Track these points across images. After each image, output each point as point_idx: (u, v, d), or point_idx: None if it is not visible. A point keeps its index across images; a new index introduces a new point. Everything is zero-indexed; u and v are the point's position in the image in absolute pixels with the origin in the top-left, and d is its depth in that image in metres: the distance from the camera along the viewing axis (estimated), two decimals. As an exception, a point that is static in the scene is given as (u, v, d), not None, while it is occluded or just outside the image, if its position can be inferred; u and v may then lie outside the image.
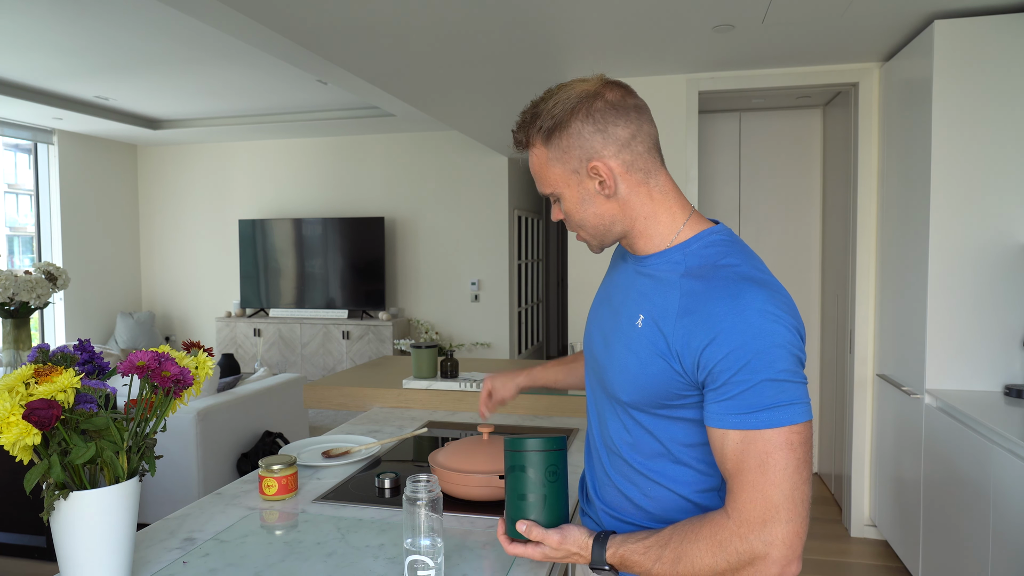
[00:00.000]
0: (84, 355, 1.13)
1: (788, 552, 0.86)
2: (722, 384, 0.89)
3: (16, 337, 3.14)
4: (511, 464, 1.02)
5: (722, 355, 0.88)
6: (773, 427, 0.86)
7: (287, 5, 2.49)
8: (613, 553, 0.96)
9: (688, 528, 0.92)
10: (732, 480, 0.90)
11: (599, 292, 1.16)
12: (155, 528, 1.32)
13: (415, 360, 2.35)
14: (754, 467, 0.87)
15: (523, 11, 2.60)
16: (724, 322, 0.88)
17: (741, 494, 0.88)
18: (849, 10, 2.57)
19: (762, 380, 0.87)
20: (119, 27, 3.59)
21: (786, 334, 0.88)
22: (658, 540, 0.93)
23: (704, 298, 0.91)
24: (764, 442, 0.87)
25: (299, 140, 6.75)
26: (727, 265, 0.94)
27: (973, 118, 2.57)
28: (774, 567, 0.86)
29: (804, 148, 4.15)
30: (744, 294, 0.89)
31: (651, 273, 1.01)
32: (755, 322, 0.87)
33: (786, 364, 0.87)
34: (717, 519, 0.90)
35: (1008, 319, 2.57)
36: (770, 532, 0.86)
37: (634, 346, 0.98)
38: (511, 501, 1.02)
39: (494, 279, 6.46)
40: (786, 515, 0.86)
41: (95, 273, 6.62)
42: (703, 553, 0.89)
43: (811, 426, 0.89)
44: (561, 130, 0.98)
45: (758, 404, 0.87)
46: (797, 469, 0.87)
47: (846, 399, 3.50)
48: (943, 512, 2.48)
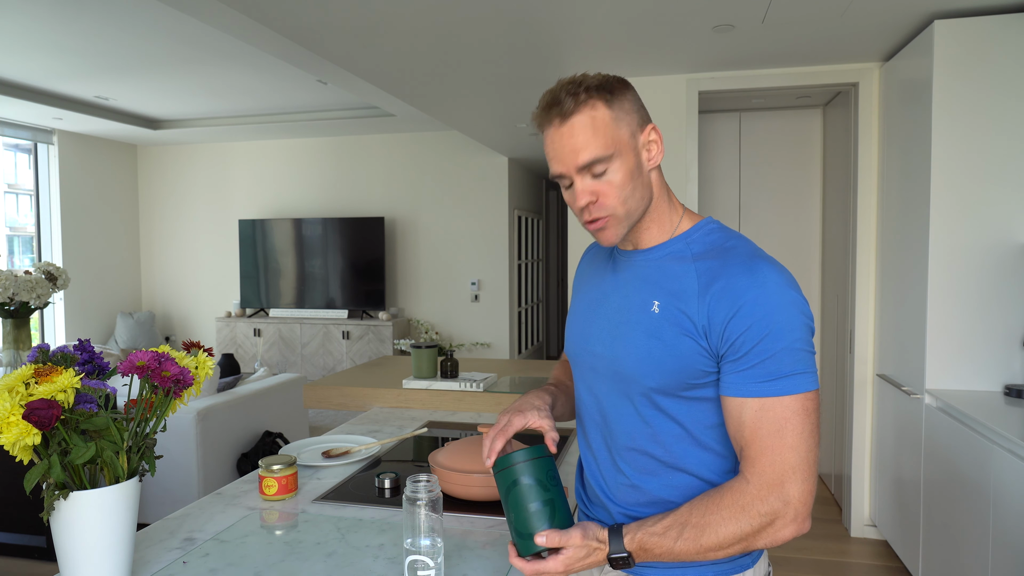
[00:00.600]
0: (84, 355, 1.13)
1: (804, 509, 0.92)
2: (744, 355, 0.93)
3: (16, 337, 3.14)
4: (508, 482, 0.98)
5: (745, 327, 0.92)
6: (790, 394, 0.92)
7: (287, 5, 2.49)
8: (631, 539, 0.96)
9: (707, 500, 0.95)
10: (749, 447, 0.94)
11: (584, 297, 1.15)
12: (155, 528, 1.32)
13: (415, 360, 2.35)
14: (772, 432, 0.92)
15: (523, 11, 2.60)
16: (747, 295, 0.93)
17: (760, 458, 0.93)
18: (849, 10, 2.57)
19: (781, 349, 0.92)
20: (119, 27, 3.59)
21: (801, 305, 0.94)
22: (676, 519, 0.95)
23: (724, 273, 0.96)
24: (782, 408, 0.92)
25: (299, 140, 6.75)
26: (734, 247, 0.99)
27: (973, 118, 2.57)
28: (792, 524, 0.92)
29: (804, 148, 4.15)
30: (761, 269, 0.94)
31: (658, 263, 1.04)
32: (774, 295, 0.93)
33: (801, 334, 0.93)
34: (736, 486, 0.94)
35: (1008, 319, 2.57)
36: (788, 491, 0.91)
37: (656, 331, 0.99)
38: (518, 519, 0.97)
39: (494, 279, 6.46)
40: (802, 475, 0.92)
41: (95, 273, 6.62)
42: (726, 521, 0.92)
43: (819, 394, 0.95)
44: (621, 93, 0.99)
45: (777, 372, 0.92)
46: (812, 433, 0.93)
47: (846, 399, 3.50)
48: (943, 512, 2.48)
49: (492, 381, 2.40)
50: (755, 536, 0.92)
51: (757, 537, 0.92)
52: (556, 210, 9.13)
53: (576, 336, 1.14)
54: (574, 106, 0.97)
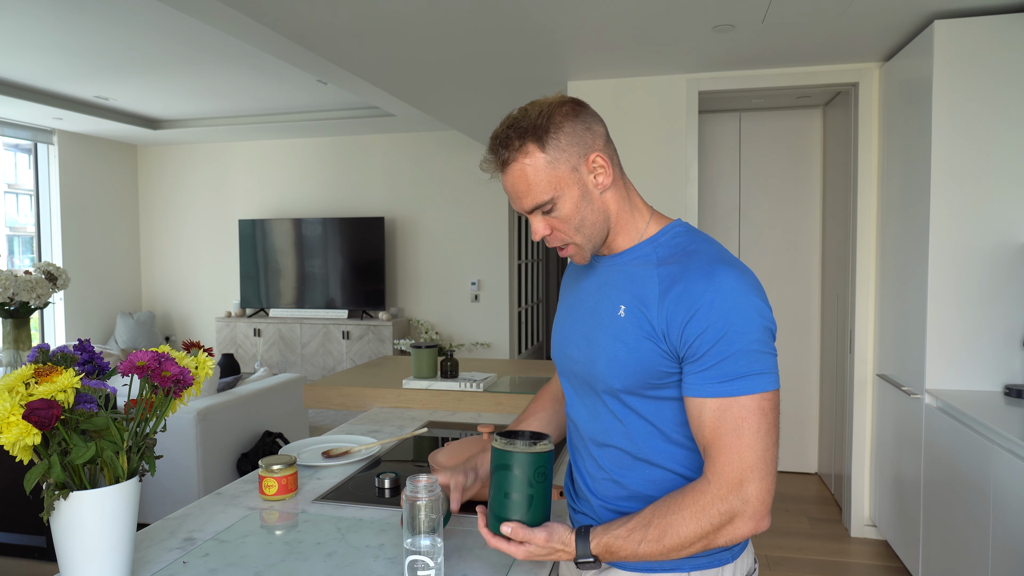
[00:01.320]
0: (84, 355, 1.13)
1: (761, 507, 0.94)
2: (700, 356, 0.96)
3: (16, 337, 3.14)
4: (498, 462, 1.03)
5: (701, 329, 0.95)
6: (747, 394, 0.94)
7: (287, 5, 2.49)
8: (597, 544, 0.99)
9: (669, 502, 0.97)
10: (710, 447, 0.96)
11: (565, 302, 1.20)
12: (155, 528, 1.32)
13: (415, 360, 2.35)
14: (730, 431, 0.94)
15: (523, 11, 2.60)
16: (702, 299, 0.95)
17: (719, 457, 0.95)
18: (849, 10, 2.57)
19: (737, 351, 0.94)
20: (119, 27, 3.59)
21: (758, 307, 0.96)
22: (639, 521, 0.98)
23: (682, 279, 0.99)
24: (739, 408, 0.94)
25: (299, 140, 6.75)
26: (697, 250, 1.02)
27: (973, 118, 2.57)
28: (750, 522, 0.94)
29: (804, 148, 4.15)
30: (718, 273, 0.97)
31: (626, 267, 1.07)
32: (730, 298, 0.95)
33: (758, 335, 0.95)
34: (698, 486, 0.96)
35: (1008, 319, 2.57)
36: (746, 490, 0.94)
37: (620, 334, 1.03)
38: (496, 498, 1.03)
39: (494, 279, 6.46)
40: (759, 474, 0.94)
41: (95, 273, 6.62)
42: (687, 521, 0.95)
43: (779, 394, 0.97)
44: (555, 131, 1.01)
45: (733, 373, 0.95)
46: (768, 432, 0.95)
47: (846, 399, 3.50)
48: (943, 512, 2.48)
49: (492, 381, 2.40)
50: (715, 535, 0.95)
51: (716, 536, 0.95)
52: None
53: (557, 341, 1.19)
54: (508, 155, 1.02)
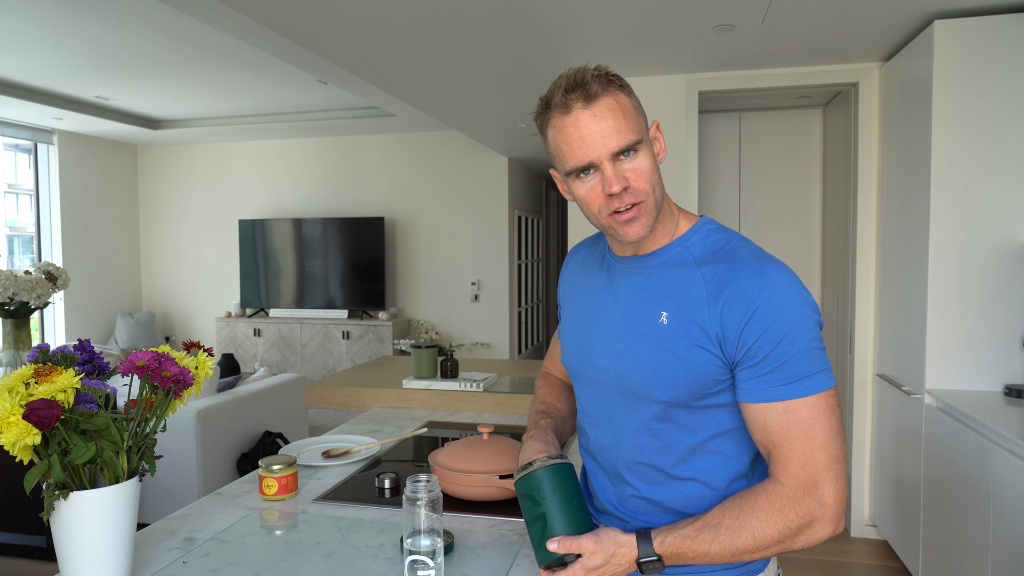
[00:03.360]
0: (84, 355, 1.13)
1: (839, 508, 0.91)
2: (762, 359, 0.92)
3: (16, 337, 3.14)
4: (523, 491, 1.01)
5: (761, 330, 0.91)
6: (813, 394, 0.91)
7: (287, 5, 2.49)
8: (661, 542, 0.93)
9: (741, 503, 0.93)
10: (778, 450, 0.92)
11: (579, 306, 1.12)
12: (155, 528, 1.32)
13: (415, 360, 2.35)
14: (801, 434, 0.91)
15: (523, 11, 2.60)
16: (759, 298, 0.91)
17: (792, 461, 0.91)
18: (849, 10, 2.57)
19: (799, 350, 0.91)
20: (119, 27, 3.59)
21: (811, 302, 0.93)
22: (708, 521, 0.93)
23: (732, 278, 0.94)
24: (808, 409, 0.91)
25: (299, 140, 6.75)
26: (738, 247, 0.97)
27: (973, 118, 2.57)
28: (829, 525, 0.91)
29: (804, 148, 4.15)
30: (770, 271, 0.93)
31: (660, 269, 1.01)
32: (786, 296, 0.91)
33: (815, 332, 0.92)
34: (771, 488, 0.92)
35: (1008, 319, 2.57)
36: (823, 492, 0.90)
37: (665, 343, 0.97)
38: (530, 532, 1.00)
39: (494, 279, 6.45)
40: (834, 474, 0.90)
41: (95, 273, 6.62)
42: (763, 523, 0.91)
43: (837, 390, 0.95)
44: (629, 88, 0.98)
45: (797, 374, 0.91)
46: (839, 431, 0.92)
47: (846, 399, 3.50)
48: (943, 512, 2.48)
49: (492, 381, 2.40)
50: (793, 538, 0.91)
51: (795, 539, 0.91)
52: (556, 210, 9.12)
53: (575, 348, 1.10)
54: (601, 89, 0.92)
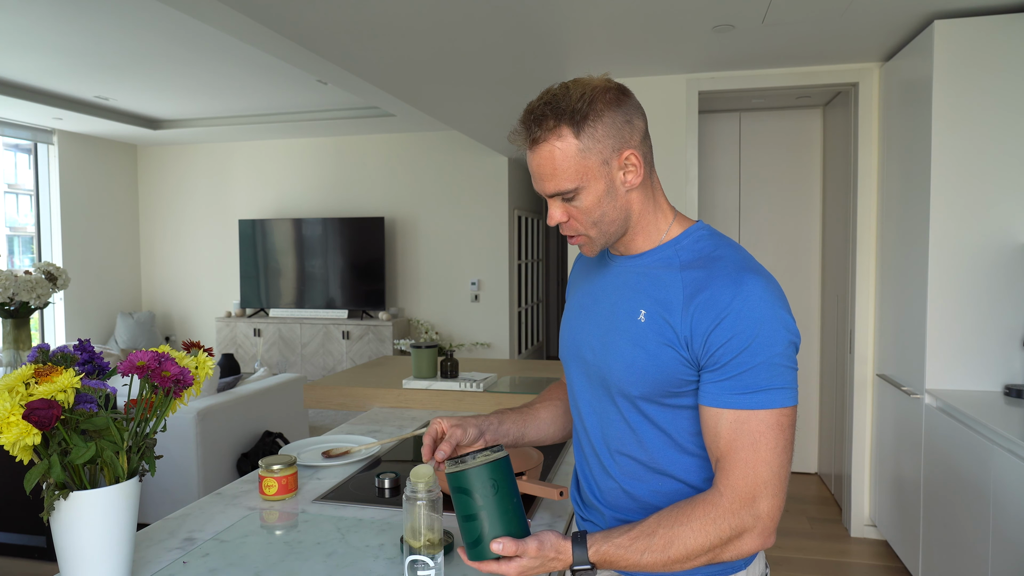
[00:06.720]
0: (84, 355, 1.13)
1: (772, 524, 0.93)
2: (722, 365, 0.93)
3: (16, 337, 3.14)
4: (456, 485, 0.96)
5: (726, 338, 0.92)
6: (766, 408, 0.92)
7: (287, 5, 2.49)
8: (596, 551, 0.94)
9: (677, 512, 0.94)
10: (724, 458, 0.94)
11: (576, 301, 1.15)
12: (155, 528, 1.32)
13: (415, 360, 2.35)
14: (747, 445, 0.92)
15: (523, 11, 2.60)
16: (730, 307, 0.93)
17: (733, 471, 0.93)
18: (849, 10, 2.57)
19: (760, 362, 0.92)
20: (119, 27, 3.59)
21: (784, 320, 0.93)
22: (643, 530, 0.94)
23: (708, 285, 0.95)
24: (757, 422, 0.92)
25: (299, 140, 6.75)
26: (722, 256, 0.99)
27: (973, 118, 2.57)
28: (759, 538, 0.93)
29: (804, 148, 4.15)
30: (746, 282, 0.94)
31: (647, 269, 1.03)
32: (758, 308, 0.92)
33: (782, 348, 0.93)
34: (710, 498, 0.94)
35: (1008, 319, 2.57)
36: (758, 506, 0.92)
37: (640, 340, 1.00)
38: (465, 527, 0.96)
39: (494, 279, 6.45)
40: (772, 490, 0.92)
41: (95, 273, 6.62)
42: (696, 533, 0.92)
43: (796, 411, 0.95)
44: (595, 119, 0.96)
45: (754, 385, 0.92)
46: (785, 449, 0.93)
47: (846, 399, 3.50)
48: (943, 512, 2.48)
49: (492, 381, 2.40)
50: (722, 549, 0.92)
51: (723, 550, 0.92)
52: (556, 210, 9.11)
53: (568, 340, 1.14)
54: (540, 134, 0.97)
